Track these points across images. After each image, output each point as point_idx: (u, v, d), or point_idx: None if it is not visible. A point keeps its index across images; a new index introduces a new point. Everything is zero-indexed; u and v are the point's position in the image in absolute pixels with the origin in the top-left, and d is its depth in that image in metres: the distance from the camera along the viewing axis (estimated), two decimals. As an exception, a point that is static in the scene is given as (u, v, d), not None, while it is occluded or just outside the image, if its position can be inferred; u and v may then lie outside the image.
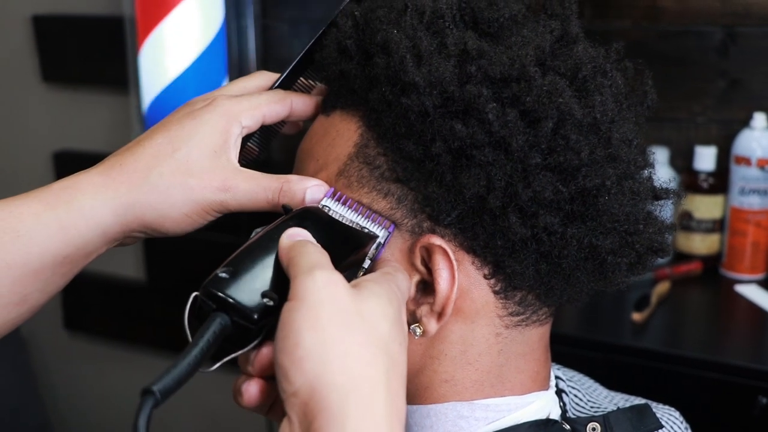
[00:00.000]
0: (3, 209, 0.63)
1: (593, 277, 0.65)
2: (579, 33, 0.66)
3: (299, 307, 0.52)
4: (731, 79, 1.52)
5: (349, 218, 0.63)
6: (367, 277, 0.58)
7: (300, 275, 0.53)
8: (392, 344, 0.53)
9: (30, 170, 2.15)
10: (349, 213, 0.63)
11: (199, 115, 0.66)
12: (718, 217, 1.52)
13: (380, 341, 0.53)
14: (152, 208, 0.64)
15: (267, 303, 0.55)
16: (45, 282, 0.64)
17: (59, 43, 2.01)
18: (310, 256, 0.55)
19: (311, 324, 0.51)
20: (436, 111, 0.60)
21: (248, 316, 0.54)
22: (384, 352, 0.52)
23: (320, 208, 0.63)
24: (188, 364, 0.52)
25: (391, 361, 0.53)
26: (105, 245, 0.65)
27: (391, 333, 0.54)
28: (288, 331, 0.51)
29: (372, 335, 0.52)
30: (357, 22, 0.66)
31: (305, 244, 0.56)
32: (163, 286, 2.07)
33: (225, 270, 0.56)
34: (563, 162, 0.60)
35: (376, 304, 0.54)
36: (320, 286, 0.52)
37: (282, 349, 0.51)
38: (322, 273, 0.53)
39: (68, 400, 2.33)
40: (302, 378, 0.50)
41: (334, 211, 0.63)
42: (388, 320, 0.54)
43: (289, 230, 0.58)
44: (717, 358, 1.22)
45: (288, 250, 0.56)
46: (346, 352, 0.51)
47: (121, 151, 0.66)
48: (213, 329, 0.54)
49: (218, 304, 0.55)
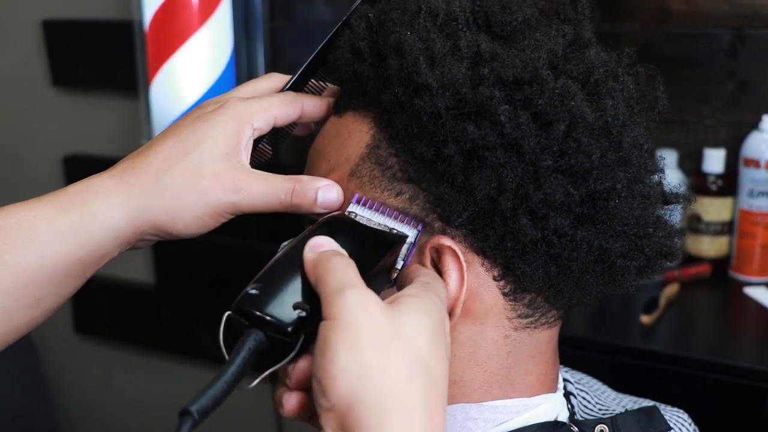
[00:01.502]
0: (17, 213, 0.63)
1: (602, 280, 0.65)
2: (591, 37, 0.66)
3: (335, 325, 0.52)
4: (740, 81, 1.52)
5: (377, 221, 0.63)
6: (405, 290, 0.57)
7: (331, 295, 0.53)
8: (431, 358, 0.53)
9: (40, 174, 2.16)
10: (377, 216, 0.63)
11: (211, 117, 0.66)
12: (727, 219, 1.51)
13: (418, 357, 0.52)
14: (164, 211, 0.64)
15: (300, 315, 0.55)
16: (58, 285, 0.64)
17: (69, 47, 2.02)
18: (338, 273, 0.54)
19: (348, 342, 0.51)
20: (448, 112, 0.60)
21: (282, 330, 0.54)
22: (422, 368, 0.52)
23: (346, 214, 0.63)
24: (226, 383, 0.52)
25: (429, 376, 0.52)
26: (118, 248, 0.66)
27: (428, 348, 0.53)
28: (325, 348, 0.51)
29: (409, 352, 0.52)
30: (370, 24, 0.67)
31: (330, 259, 0.56)
32: (172, 290, 2.07)
33: (254, 287, 0.56)
34: (574, 165, 0.60)
35: (412, 319, 0.54)
36: (353, 305, 0.52)
37: (319, 365, 0.51)
38: (353, 292, 0.53)
39: (78, 403, 2.33)
40: (339, 394, 0.50)
41: (361, 216, 0.63)
42: (425, 335, 0.53)
43: (310, 242, 0.58)
44: (726, 360, 1.21)
45: (314, 265, 0.56)
46: (383, 369, 0.51)
47: (133, 155, 0.66)
48: (248, 346, 0.54)
49: (251, 320, 0.55)
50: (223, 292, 2.01)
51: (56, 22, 2.01)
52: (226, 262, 1.95)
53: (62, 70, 2.05)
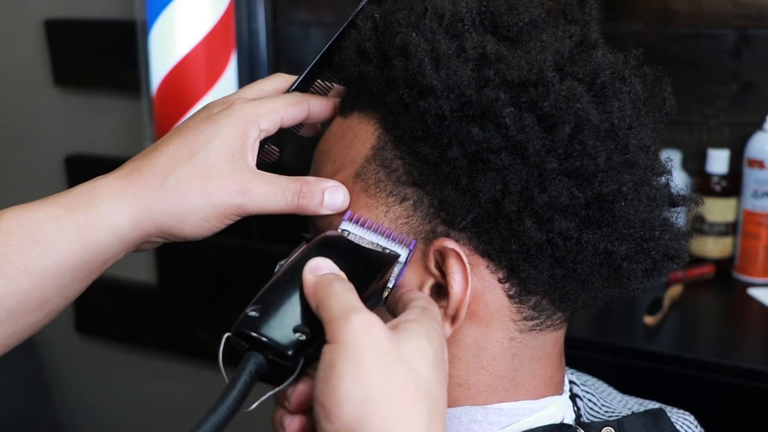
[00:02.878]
0: (22, 214, 0.63)
1: (608, 283, 0.65)
2: (598, 39, 0.66)
3: (340, 350, 0.51)
4: (744, 81, 1.52)
5: (369, 240, 0.63)
6: (407, 315, 0.56)
7: (335, 320, 0.53)
8: (433, 386, 0.53)
9: (42, 174, 2.16)
10: (369, 234, 0.63)
11: (217, 119, 0.66)
12: (731, 220, 1.51)
13: (421, 384, 0.52)
14: (170, 213, 0.64)
15: (300, 338, 0.55)
16: (63, 287, 0.64)
17: (71, 47, 2.02)
18: (340, 298, 0.54)
19: (353, 367, 0.51)
20: (453, 115, 0.60)
21: (283, 354, 0.54)
22: (425, 395, 0.52)
23: (340, 233, 0.63)
24: (228, 408, 0.52)
25: (432, 403, 0.52)
26: (123, 250, 0.65)
27: (431, 374, 0.53)
28: (329, 372, 0.51)
29: (413, 378, 0.52)
30: (376, 25, 0.66)
31: (331, 283, 0.55)
32: (174, 290, 2.07)
33: (254, 308, 0.56)
34: (580, 167, 0.60)
35: (416, 345, 0.53)
36: (359, 330, 0.52)
37: (323, 390, 0.51)
38: (358, 316, 0.52)
39: (79, 403, 2.33)
40: (343, 419, 0.50)
41: (354, 234, 0.63)
42: (428, 362, 0.53)
43: (310, 263, 0.57)
44: (730, 361, 1.21)
45: (314, 289, 0.56)
46: (388, 396, 0.50)
47: (139, 156, 0.66)
48: (249, 370, 0.54)
49: (251, 343, 0.55)
50: (225, 293, 2.02)
51: (59, 22, 2.01)
52: (228, 263, 1.95)
53: (64, 69, 2.05)
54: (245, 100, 0.68)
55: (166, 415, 2.18)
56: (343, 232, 0.63)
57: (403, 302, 0.60)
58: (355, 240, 0.63)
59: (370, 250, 0.62)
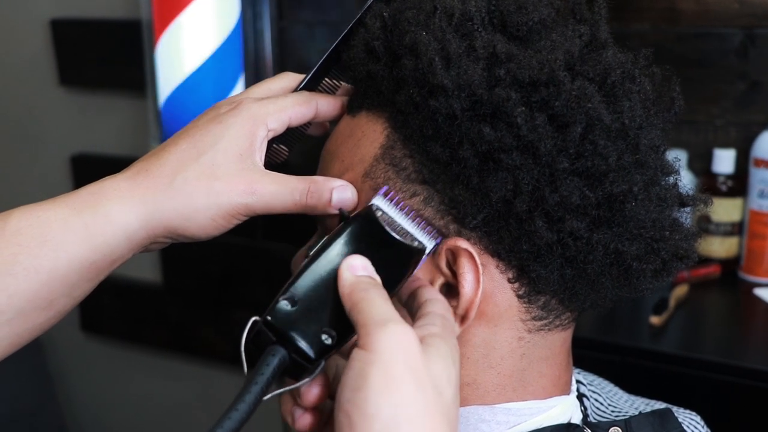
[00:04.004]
0: (30, 215, 0.63)
1: (618, 283, 0.65)
2: (608, 38, 0.66)
3: (374, 360, 0.51)
4: (750, 81, 1.51)
5: (400, 223, 0.62)
6: (431, 328, 0.56)
7: (372, 325, 0.52)
8: (454, 410, 0.53)
9: (48, 174, 2.16)
10: (400, 217, 0.62)
11: (225, 119, 0.66)
12: (737, 220, 1.51)
13: (445, 408, 0.52)
14: (177, 213, 0.64)
15: (325, 341, 0.55)
16: (72, 287, 0.64)
17: (77, 47, 2.02)
18: (378, 304, 0.54)
19: (385, 382, 0.50)
20: (464, 114, 0.60)
21: (307, 356, 0.55)
22: (447, 419, 0.52)
23: (374, 213, 0.61)
24: (250, 404, 0.52)
25: (450, 426, 0.52)
26: (131, 251, 0.65)
27: (454, 398, 0.53)
28: (360, 383, 0.51)
29: (439, 401, 0.52)
30: (385, 24, 0.66)
31: (368, 288, 0.55)
32: (179, 289, 2.07)
33: (287, 299, 0.56)
34: (591, 167, 0.60)
35: (444, 367, 0.53)
36: (395, 342, 0.52)
37: (351, 399, 0.51)
38: (396, 328, 0.52)
39: (84, 401, 2.34)
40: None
41: (385, 214, 0.62)
42: (452, 385, 0.53)
43: (348, 260, 0.57)
44: (735, 361, 1.21)
45: (351, 289, 0.56)
46: (418, 416, 0.50)
47: (147, 157, 0.66)
48: (273, 366, 0.54)
49: (278, 337, 0.55)
50: (230, 292, 2.02)
51: (64, 22, 2.01)
52: (234, 262, 1.95)
53: (70, 69, 2.05)
54: (253, 99, 0.68)
55: (171, 414, 2.18)
56: (375, 210, 0.62)
57: (418, 300, 0.60)
58: (386, 221, 0.61)
59: (400, 243, 0.61)
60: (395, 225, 0.62)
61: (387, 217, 0.61)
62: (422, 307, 0.59)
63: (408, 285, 0.62)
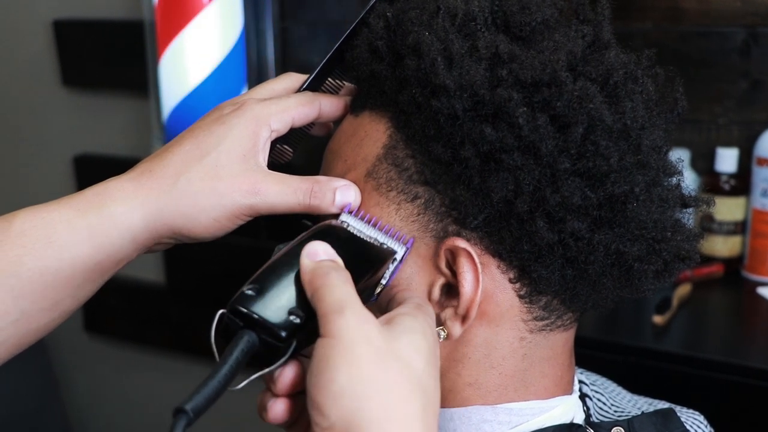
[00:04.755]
0: (35, 216, 0.63)
1: (619, 283, 0.65)
2: (611, 39, 0.66)
3: (335, 344, 0.52)
4: (753, 80, 1.51)
5: (368, 234, 0.63)
6: (401, 309, 0.57)
7: (331, 313, 0.53)
8: (427, 380, 0.53)
9: (50, 174, 2.17)
10: (368, 228, 0.63)
11: (228, 120, 0.66)
12: (740, 219, 1.51)
13: (415, 378, 0.53)
14: (181, 214, 0.64)
15: (294, 320, 0.55)
16: (76, 288, 0.64)
17: (80, 47, 2.02)
18: (336, 290, 0.54)
19: (347, 361, 0.51)
20: (466, 114, 0.60)
21: (276, 334, 0.54)
22: (420, 389, 0.52)
23: (340, 224, 0.63)
24: (218, 383, 0.52)
25: (426, 397, 0.53)
26: (135, 252, 0.66)
27: (426, 369, 0.54)
28: (323, 366, 0.51)
29: (407, 372, 0.52)
30: (388, 23, 0.66)
31: (328, 273, 0.56)
32: (182, 290, 2.07)
33: (251, 287, 0.56)
34: (592, 168, 0.60)
35: (410, 340, 0.54)
36: (353, 325, 0.52)
37: (316, 384, 0.51)
38: (353, 312, 0.53)
39: (88, 401, 2.34)
40: (338, 413, 0.50)
41: (353, 227, 0.63)
42: (422, 356, 0.54)
43: (308, 247, 0.58)
44: (739, 360, 1.21)
45: (311, 275, 0.56)
46: (384, 389, 0.51)
47: (151, 158, 0.66)
48: (241, 347, 0.54)
49: (245, 321, 0.55)
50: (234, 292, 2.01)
51: (67, 22, 2.01)
52: (237, 262, 1.95)
53: (73, 69, 2.05)
54: (256, 100, 0.68)
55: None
56: (342, 223, 0.63)
57: (397, 301, 0.60)
58: (354, 232, 0.63)
59: (367, 242, 0.62)
60: (363, 234, 0.63)
61: (355, 230, 0.63)
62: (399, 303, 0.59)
63: (387, 292, 0.63)
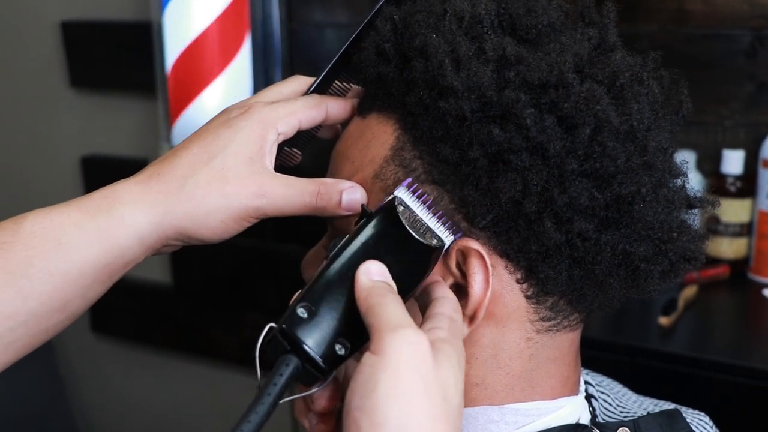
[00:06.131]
0: (44, 218, 0.63)
1: (626, 284, 0.65)
2: (617, 41, 0.66)
3: (384, 367, 0.51)
4: (759, 82, 1.51)
5: (421, 217, 0.62)
6: (441, 335, 0.56)
7: (385, 330, 0.53)
8: (458, 416, 0.54)
9: (58, 175, 2.17)
10: (422, 210, 0.62)
11: (235, 123, 0.66)
12: (746, 220, 1.51)
13: (452, 415, 0.53)
14: (188, 217, 0.65)
15: (339, 351, 0.56)
16: (85, 289, 0.64)
17: (87, 48, 2.03)
18: (393, 309, 0.54)
19: (395, 389, 0.51)
20: (473, 115, 0.60)
21: (319, 367, 0.55)
22: (453, 425, 0.53)
23: (395, 208, 0.61)
24: (265, 413, 0.53)
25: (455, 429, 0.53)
26: (143, 253, 0.66)
27: (460, 405, 0.54)
28: (370, 389, 0.51)
29: (446, 409, 0.52)
30: (396, 26, 0.67)
31: (385, 293, 0.56)
32: (189, 291, 2.08)
33: (304, 307, 0.56)
34: (599, 169, 0.60)
35: (452, 374, 0.54)
36: (406, 348, 0.52)
37: (360, 406, 0.51)
38: (407, 333, 0.53)
39: (94, 402, 2.34)
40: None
41: (406, 209, 0.61)
42: (459, 392, 0.54)
43: (365, 265, 0.58)
44: (745, 362, 1.21)
45: (367, 294, 0.56)
46: (423, 426, 0.51)
47: (159, 161, 0.67)
48: (286, 377, 0.54)
49: (293, 345, 0.55)
50: (240, 293, 2.02)
51: (75, 24, 2.02)
52: (243, 263, 1.96)
53: (81, 71, 2.06)
54: (263, 103, 0.68)
55: (181, 415, 2.18)
56: (398, 205, 0.61)
57: (430, 296, 0.60)
58: (406, 216, 0.61)
59: (421, 243, 0.61)
60: (416, 220, 0.61)
61: (408, 213, 0.61)
62: (432, 305, 0.59)
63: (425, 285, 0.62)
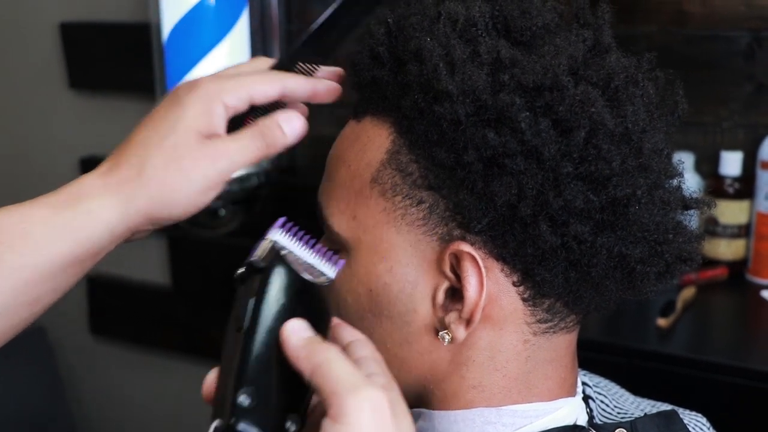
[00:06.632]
0: (14, 214, 0.64)
1: (622, 285, 0.65)
2: (611, 43, 0.66)
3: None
4: (757, 83, 1.51)
5: (302, 257, 0.59)
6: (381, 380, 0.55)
7: (343, 394, 0.51)
8: None
9: (57, 176, 2.15)
10: (300, 249, 0.59)
11: (182, 100, 0.66)
12: (744, 222, 1.50)
13: None
14: (153, 201, 0.65)
15: (289, 429, 0.55)
16: (56, 282, 0.65)
17: (87, 50, 2.03)
18: (343, 367, 0.53)
19: None
20: (468, 119, 0.60)
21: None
22: None
23: (280, 253, 0.59)
24: None
25: None
26: (113, 244, 0.66)
27: None
28: None
29: None
30: (390, 29, 0.66)
31: (325, 349, 0.54)
32: (188, 292, 2.08)
33: (245, 393, 0.54)
34: (594, 171, 0.60)
35: (407, 421, 0.54)
36: (367, 408, 0.51)
37: None
38: (367, 392, 0.51)
39: (94, 404, 2.34)
40: None
41: (289, 251, 0.59)
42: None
43: (287, 326, 0.56)
44: (743, 363, 1.21)
45: (305, 354, 0.54)
46: None
47: (116, 152, 0.67)
48: None
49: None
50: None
51: (74, 25, 2.02)
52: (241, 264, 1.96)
53: (80, 72, 2.06)
54: (210, 77, 0.68)
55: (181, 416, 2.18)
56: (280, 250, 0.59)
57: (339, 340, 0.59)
58: (291, 259, 0.59)
59: (315, 284, 0.59)
60: (299, 261, 0.59)
61: (291, 255, 0.59)
62: (350, 350, 0.58)
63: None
